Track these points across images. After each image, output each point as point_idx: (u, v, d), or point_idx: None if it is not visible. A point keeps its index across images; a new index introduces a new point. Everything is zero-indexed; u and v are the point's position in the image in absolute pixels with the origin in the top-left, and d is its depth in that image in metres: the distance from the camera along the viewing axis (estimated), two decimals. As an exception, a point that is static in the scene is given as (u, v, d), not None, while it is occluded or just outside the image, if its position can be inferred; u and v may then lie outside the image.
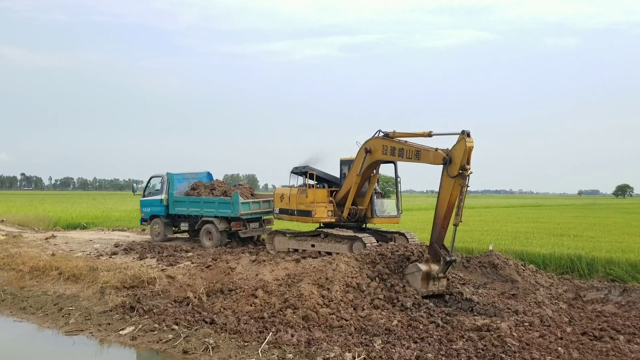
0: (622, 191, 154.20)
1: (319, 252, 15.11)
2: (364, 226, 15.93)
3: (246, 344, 9.11)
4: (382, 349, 8.51)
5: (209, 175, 20.47)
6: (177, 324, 10.29)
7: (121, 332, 10.39)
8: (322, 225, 15.93)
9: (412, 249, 12.45)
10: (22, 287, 14.26)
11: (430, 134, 11.93)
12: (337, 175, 15.88)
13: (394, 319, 9.97)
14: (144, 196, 20.54)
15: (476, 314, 10.35)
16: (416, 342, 8.80)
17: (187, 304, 11.46)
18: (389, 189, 20.48)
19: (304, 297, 10.55)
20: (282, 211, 16.55)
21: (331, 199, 15.57)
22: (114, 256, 16.89)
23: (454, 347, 8.45)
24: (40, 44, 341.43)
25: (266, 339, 9.11)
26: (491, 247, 14.93)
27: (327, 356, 8.28)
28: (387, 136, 13.04)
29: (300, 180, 16.37)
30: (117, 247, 18.19)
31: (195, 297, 11.67)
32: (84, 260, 15.67)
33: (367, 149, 13.60)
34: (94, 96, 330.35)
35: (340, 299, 10.62)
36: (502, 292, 12.01)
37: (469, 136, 10.65)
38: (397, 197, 15.93)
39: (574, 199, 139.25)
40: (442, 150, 11.22)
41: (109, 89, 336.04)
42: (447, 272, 11.46)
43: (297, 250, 15.81)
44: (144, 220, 20.56)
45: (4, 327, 11.74)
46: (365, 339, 9.04)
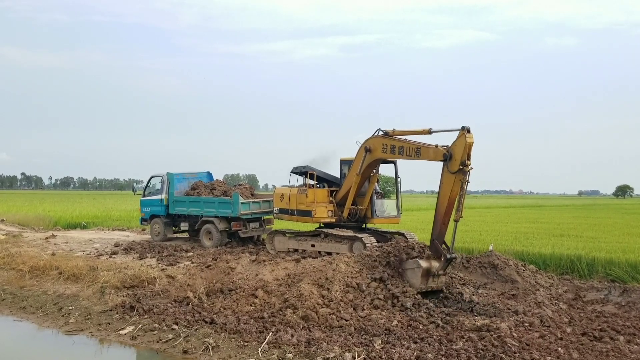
0: (622, 192, 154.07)
1: (319, 252, 15.10)
2: (364, 226, 15.92)
3: (246, 344, 9.11)
4: (382, 349, 8.51)
5: (209, 175, 20.48)
6: (177, 324, 10.29)
7: (121, 331, 10.38)
8: (322, 225, 15.92)
9: (412, 243, 12.42)
10: (22, 286, 14.26)
11: (430, 131, 11.89)
12: (338, 175, 15.88)
13: (393, 319, 9.97)
14: (144, 196, 20.55)
15: (476, 314, 10.34)
16: (416, 342, 8.80)
17: (187, 304, 11.46)
18: (389, 189, 20.50)
19: (303, 297, 10.55)
20: (282, 211, 16.55)
21: (331, 199, 15.57)
22: (114, 256, 16.90)
23: (454, 347, 8.45)
24: (40, 44, 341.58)
25: (266, 339, 9.11)
26: (491, 248, 14.93)
27: (327, 356, 8.28)
28: (386, 135, 13.01)
29: (300, 180, 16.37)
30: (117, 246, 18.20)
31: (195, 297, 11.67)
32: (84, 259, 15.67)
33: (366, 148, 13.58)
34: (94, 96, 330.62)
35: (340, 299, 10.62)
36: (502, 292, 12.00)
37: (469, 132, 10.65)
38: (397, 197, 15.92)
39: (574, 199, 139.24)
40: (442, 146, 11.22)
41: (109, 89, 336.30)
42: (447, 269, 11.48)
43: (297, 250, 15.81)
44: (144, 220, 20.58)
45: (4, 327, 11.73)
46: (365, 339, 9.04)
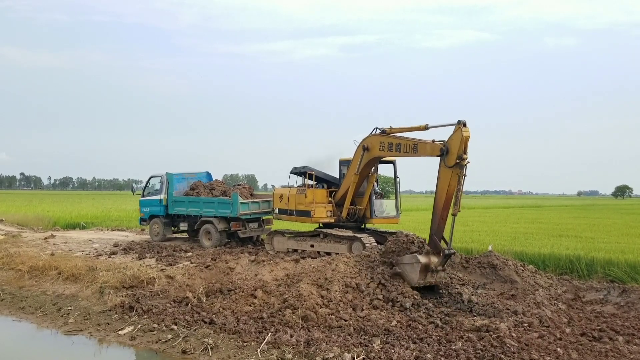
0: (622, 192, 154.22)
1: (318, 252, 15.10)
2: (363, 226, 15.92)
3: (245, 344, 9.11)
4: (381, 349, 8.51)
5: (209, 175, 20.47)
6: (176, 324, 10.28)
7: (120, 332, 10.38)
8: (321, 225, 15.92)
9: (412, 237, 12.44)
10: (21, 286, 14.25)
11: (426, 127, 11.96)
12: (337, 175, 15.88)
13: (393, 320, 9.97)
14: (143, 196, 20.53)
15: (475, 314, 10.34)
16: (415, 343, 8.80)
17: (186, 304, 11.45)
18: (388, 189, 20.48)
19: (303, 297, 10.55)
20: (281, 211, 16.56)
21: (330, 199, 15.57)
22: (113, 256, 16.89)
23: (453, 347, 8.45)
24: (40, 44, 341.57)
25: (265, 339, 9.11)
26: (490, 248, 14.92)
27: (326, 356, 8.28)
28: (384, 132, 13.05)
29: (299, 180, 16.37)
30: (116, 247, 18.18)
31: (194, 297, 11.66)
32: (83, 260, 15.67)
33: (364, 147, 13.59)
34: (94, 96, 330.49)
35: (339, 299, 10.61)
36: (501, 292, 11.99)
37: (465, 126, 10.71)
38: (397, 197, 15.92)
39: (574, 199, 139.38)
40: (439, 142, 11.28)
41: (109, 89, 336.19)
42: (445, 264, 11.48)
43: (296, 250, 15.80)
44: (143, 220, 20.56)
45: (3, 327, 11.73)
46: (364, 339, 9.04)
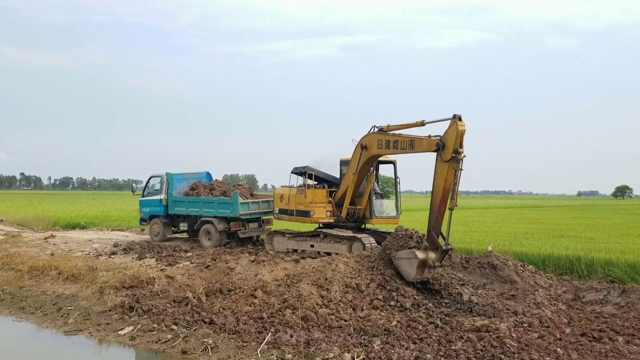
0: (622, 192, 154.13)
1: (318, 252, 15.10)
2: (364, 226, 15.92)
3: (245, 344, 9.11)
4: (381, 349, 8.51)
5: (208, 175, 20.47)
6: (176, 324, 10.28)
7: (120, 332, 10.38)
8: (321, 225, 15.92)
9: (411, 232, 12.46)
10: (21, 286, 14.25)
11: (423, 123, 12.05)
12: (338, 175, 15.87)
13: (393, 320, 9.97)
14: (143, 196, 20.54)
15: (475, 314, 10.34)
16: (415, 343, 8.80)
17: (186, 304, 11.45)
18: (388, 189, 20.48)
19: (303, 298, 10.55)
20: (281, 211, 16.57)
21: (330, 199, 15.57)
22: (113, 256, 16.89)
23: (453, 347, 8.45)
24: (40, 44, 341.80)
25: (265, 340, 9.11)
26: (490, 248, 14.92)
27: (326, 356, 8.28)
28: (381, 130, 13.16)
29: (300, 180, 16.38)
30: (116, 247, 18.18)
31: (194, 297, 11.66)
32: (83, 260, 15.66)
33: (362, 145, 13.66)
34: (94, 96, 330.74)
35: (339, 300, 10.61)
36: (501, 292, 11.99)
37: (460, 120, 10.78)
38: (397, 197, 15.92)
39: (573, 199, 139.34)
40: (435, 136, 11.36)
41: (109, 89, 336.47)
42: (443, 260, 11.48)
43: (296, 250, 15.80)
44: (143, 220, 20.56)
45: (3, 327, 11.72)
46: (364, 339, 9.04)
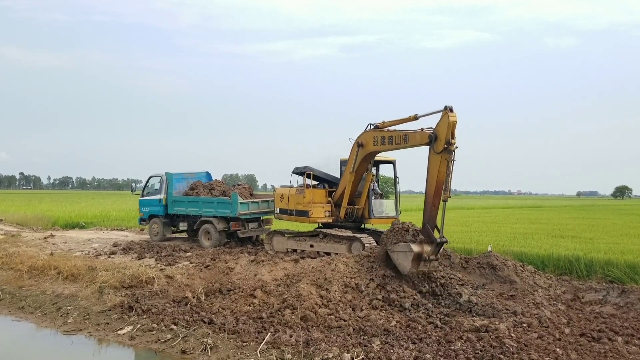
0: (621, 192, 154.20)
1: (318, 252, 15.10)
2: (363, 226, 15.92)
3: (244, 344, 9.11)
4: (380, 349, 8.51)
5: (208, 175, 20.48)
6: (175, 324, 10.28)
7: (119, 331, 10.38)
8: (321, 225, 15.92)
9: (407, 226, 12.43)
10: (20, 286, 14.24)
11: (416, 117, 12.14)
12: (339, 175, 15.87)
13: (392, 320, 9.98)
14: (143, 196, 20.53)
15: (475, 314, 10.35)
16: (414, 343, 8.81)
17: (186, 304, 11.45)
18: (387, 189, 20.49)
19: (302, 298, 10.55)
20: (282, 211, 16.58)
21: (329, 199, 15.57)
22: (112, 256, 16.88)
23: (453, 347, 8.45)
24: (40, 44, 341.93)
25: (264, 339, 9.11)
26: (490, 248, 14.93)
27: (326, 356, 8.28)
28: (377, 127, 13.27)
29: (301, 180, 16.39)
30: (115, 246, 18.18)
31: (193, 297, 11.66)
32: (82, 259, 15.66)
33: (359, 143, 13.77)
34: (94, 96, 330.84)
35: (338, 300, 10.62)
36: (500, 293, 12.00)
37: (451, 111, 10.84)
38: (396, 197, 15.93)
39: (573, 200, 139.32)
40: (427, 128, 11.44)
41: (109, 89, 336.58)
42: (438, 253, 11.49)
43: (295, 250, 15.80)
44: (142, 220, 20.56)
45: (3, 327, 11.71)
46: (363, 339, 9.04)
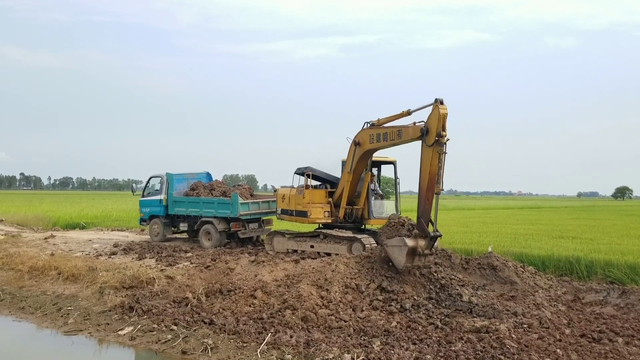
0: (621, 193, 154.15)
1: (318, 253, 15.10)
2: (364, 227, 15.92)
3: (245, 345, 9.11)
4: (381, 350, 8.51)
5: (208, 175, 20.48)
6: (176, 325, 10.28)
7: (120, 332, 10.38)
8: (321, 226, 15.92)
9: (403, 220, 12.41)
10: (21, 286, 14.25)
11: (409, 112, 12.21)
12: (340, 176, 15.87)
13: (393, 320, 9.98)
14: (143, 196, 20.54)
15: (475, 315, 10.34)
16: (415, 344, 8.80)
17: (186, 305, 11.45)
18: (388, 189, 20.50)
19: (303, 298, 10.55)
20: (283, 212, 16.59)
21: (329, 199, 15.57)
22: (113, 256, 16.89)
23: (453, 348, 8.45)
24: (40, 44, 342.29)
25: (265, 340, 9.11)
26: (490, 249, 14.92)
27: (326, 357, 8.28)
28: (373, 125, 13.35)
29: (303, 180, 16.39)
30: (116, 247, 18.18)
31: (194, 298, 11.66)
32: (83, 260, 15.66)
33: (356, 142, 13.86)
34: (94, 96, 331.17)
35: (339, 300, 10.62)
36: (501, 293, 11.99)
37: (442, 104, 10.90)
38: (396, 198, 15.94)
39: (573, 200, 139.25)
40: (419, 122, 11.53)
41: (109, 89, 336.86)
42: (433, 247, 11.50)
43: (296, 251, 15.80)
44: (143, 220, 20.56)
45: (3, 327, 11.71)
46: (364, 340, 9.04)
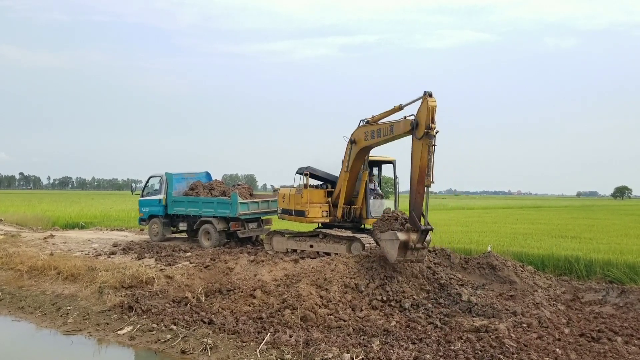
0: (621, 193, 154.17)
1: (318, 252, 15.10)
2: (363, 227, 15.91)
3: (244, 344, 9.12)
4: (380, 349, 8.52)
5: (208, 175, 20.47)
6: (175, 324, 10.29)
7: (119, 332, 10.38)
8: (320, 225, 15.92)
9: (396, 214, 12.43)
10: (20, 286, 14.25)
11: (401, 107, 12.26)
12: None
13: (392, 320, 9.98)
14: (143, 196, 20.51)
15: (474, 315, 10.35)
16: (414, 343, 8.81)
17: (186, 304, 11.46)
18: (387, 189, 20.50)
19: (302, 298, 10.56)
20: (284, 211, 16.59)
21: (328, 199, 15.58)
22: (112, 256, 16.88)
23: (452, 348, 8.46)
24: (40, 44, 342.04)
25: (264, 340, 9.12)
26: (489, 248, 14.93)
27: (325, 357, 8.29)
28: (368, 123, 13.42)
29: (304, 180, 16.39)
30: (115, 246, 18.17)
31: (193, 297, 11.67)
32: (82, 260, 15.66)
33: (352, 140, 13.89)
34: (94, 96, 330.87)
35: (338, 300, 10.62)
36: (500, 293, 12.00)
37: (430, 96, 10.95)
38: (396, 197, 15.91)
39: (573, 200, 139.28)
40: (409, 116, 11.60)
41: (109, 89, 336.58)
42: (424, 241, 11.49)
43: (295, 250, 15.79)
44: (142, 220, 20.54)
45: (2, 327, 11.72)
46: (363, 339, 9.05)
